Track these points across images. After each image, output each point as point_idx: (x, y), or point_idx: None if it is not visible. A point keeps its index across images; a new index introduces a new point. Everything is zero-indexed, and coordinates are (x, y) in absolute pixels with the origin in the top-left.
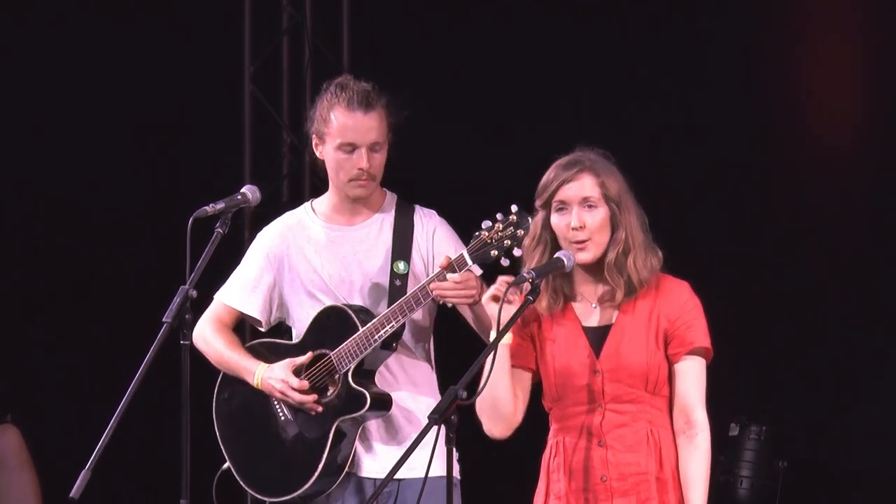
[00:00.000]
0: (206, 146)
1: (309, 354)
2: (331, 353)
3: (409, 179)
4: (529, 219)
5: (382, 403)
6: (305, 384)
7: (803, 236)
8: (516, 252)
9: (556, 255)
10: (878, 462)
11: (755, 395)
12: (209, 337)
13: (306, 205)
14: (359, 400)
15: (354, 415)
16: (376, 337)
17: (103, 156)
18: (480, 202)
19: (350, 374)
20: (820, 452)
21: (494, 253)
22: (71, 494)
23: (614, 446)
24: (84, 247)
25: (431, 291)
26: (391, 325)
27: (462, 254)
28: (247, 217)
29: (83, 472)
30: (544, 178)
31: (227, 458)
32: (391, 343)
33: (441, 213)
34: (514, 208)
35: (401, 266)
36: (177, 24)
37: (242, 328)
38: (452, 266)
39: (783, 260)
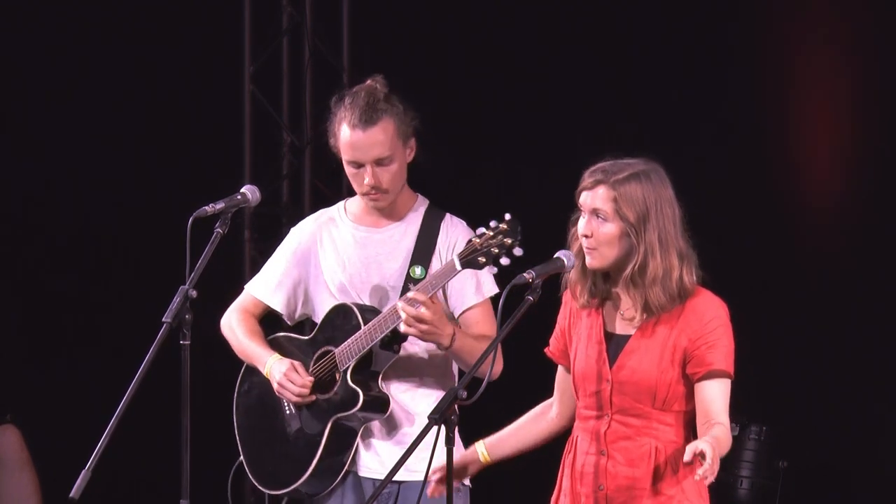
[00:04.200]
0: (205, 146)
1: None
2: (335, 350)
3: (410, 178)
4: (519, 228)
5: (378, 405)
6: (309, 381)
7: (803, 237)
8: (504, 261)
9: (555, 255)
10: (878, 462)
11: (755, 395)
12: (234, 324)
13: (340, 204)
14: (353, 399)
15: (347, 413)
16: (374, 337)
17: (103, 156)
18: (483, 206)
19: (349, 373)
20: (820, 452)
21: (482, 260)
22: (71, 494)
23: (615, 457)
24: (84, 247)
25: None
26: (388, 326)
27: (453, 258)
28: (247, 217)
29: (83, 472)
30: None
31: (240, 450)
32: (392, 345)
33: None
34: (506, 216)
35: (417, 271)
36: (177, 24)
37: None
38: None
39: (782, 260)
